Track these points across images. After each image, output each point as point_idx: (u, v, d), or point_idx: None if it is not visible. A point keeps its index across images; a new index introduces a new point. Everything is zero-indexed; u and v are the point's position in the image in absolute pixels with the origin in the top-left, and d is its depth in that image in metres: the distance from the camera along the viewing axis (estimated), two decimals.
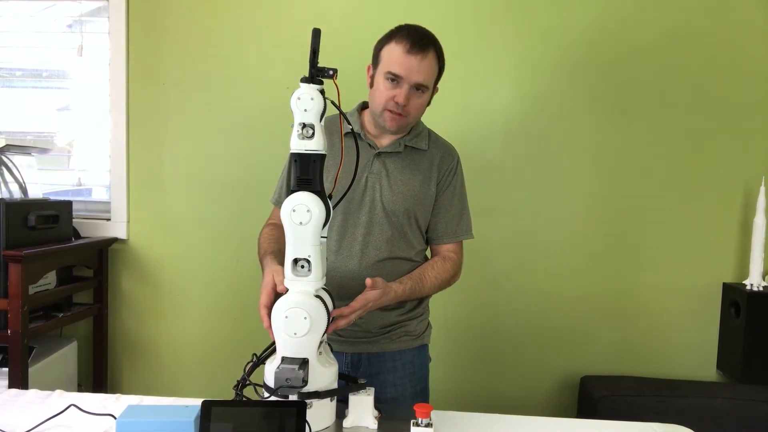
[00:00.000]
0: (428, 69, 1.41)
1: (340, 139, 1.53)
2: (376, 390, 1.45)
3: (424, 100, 1.46)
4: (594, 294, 2.30)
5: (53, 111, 2.51)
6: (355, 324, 1.47)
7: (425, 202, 1.51)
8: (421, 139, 1.53)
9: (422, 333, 1.58)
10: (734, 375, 2.16)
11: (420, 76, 1.40)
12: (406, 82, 1.40)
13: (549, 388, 2.33)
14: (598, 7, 2.23)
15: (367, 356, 1.51)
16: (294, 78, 1.23)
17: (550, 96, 2.26)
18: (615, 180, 2.27)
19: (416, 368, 1.55)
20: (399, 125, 1.45)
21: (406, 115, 1.44)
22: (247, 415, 1.03)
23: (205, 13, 2.33)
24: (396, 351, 1.52)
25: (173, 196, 2.39)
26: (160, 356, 2.43)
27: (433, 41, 1.44)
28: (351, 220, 1.49)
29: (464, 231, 1.57)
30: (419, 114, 1.48)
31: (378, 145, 1.51)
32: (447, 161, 1.54)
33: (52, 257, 2.08)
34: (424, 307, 1.59)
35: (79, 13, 2.43)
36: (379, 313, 1.47)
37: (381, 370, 1.51)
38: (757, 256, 2.15)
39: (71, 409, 1.23)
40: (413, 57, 1.39)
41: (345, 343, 1.52)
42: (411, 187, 1.49)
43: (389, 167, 1.49)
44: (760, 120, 2.23)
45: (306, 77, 1.17)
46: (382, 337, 1.51)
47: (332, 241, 1.50)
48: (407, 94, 1.41)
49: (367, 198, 1.48)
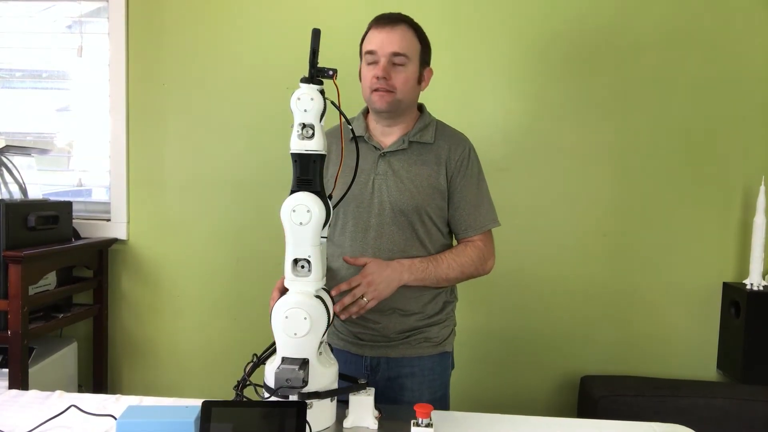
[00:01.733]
0: (401, 38, 1.42)
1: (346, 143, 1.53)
2: (394, 395, 1.46)
3: (409, 73, 1.43)
4: (594, 293, 2.30)
5: (53, 112, 2.51)
6: (374, 329, 1.48)
7: (436, 197, 1.47)
8: (427, 132, 1.50)
9: (444, 340, 1.53)
10: (734, 375, 2.16)
11: (393, 45, 1.41)
12: (381, 55, 1.42)
13: (549, 388, 2.33)
14: (598, 6, 2.23)
15: (386, 360, 1.50)
16: (294, 78, 1.23)
17: (549, 96, 2.26)
18: (615, 179, 2.27)
19: (436, 375, 1.52)
20: (388, 102, 1.42)
21: (393, 90, 1.42)
22: (248, 416, 1.03)
23: (205, 13, 2.33)
24: (415, 357, 1.49)
25: (173, 197, 2.39)
26: (160, 357, 2.43)
27: (403, 18, 1.45)
28: (361, 224, 1.47)
29: (486, 221, 1.51)
30: (408, 89, 1.44)
31: (382, 146, 1.50)
32: (456, 152, 1.49)
33: (52, 258, 2.08)
34: (446, 313, 1.55)
35: (79, 13, 2.43)
36: (399, 317, 1.47)
37: (399, 375, 1.50)
38: (757, 255, 2.15)
39: (71, 409, 1.23)
40: (383, 30, 1.42)
41: (365, 347, 1.51)
42: (418, 184, 1.46)
43: (395, 166, 1.48)
44: (760, 120, 2.23)
45: (306, 77, 1.17)
46: (401, 342, 1.49)
47: (345, 248, 1.49)
48: (386, 66, 1.41)
49: (375, 200, 1.47)
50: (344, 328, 1.53)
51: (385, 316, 1.46)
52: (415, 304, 1.48)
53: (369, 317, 1.45)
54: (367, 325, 1.49)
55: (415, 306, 1.48)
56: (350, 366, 1.50)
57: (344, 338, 1.54)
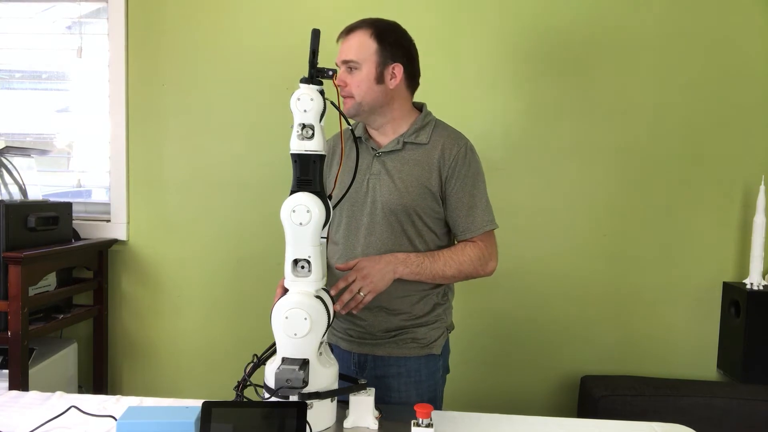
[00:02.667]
0: (350, 45, 1.46)
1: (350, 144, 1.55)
2: (381, 394, 1.46)
3: (362, 76, 1.44)
4: (594, 293, 2.30)
5: (53, 112, 2.51)
6: (361, 326, 1.48)
7: (426, 198, 1.46)
8: (423, 133, 1.50)
9: (432, 342, 1.51)
10: (734, 374, 2.16)
11: (343, 54, 1.47)
12: (339, 66, 1.47)
13: (549, 388, 2.33)
14: (598, 6, 2.23)
15: (372, 358, 1.50)
16: (293, 79, 1.23)
17: (548, 95, 2.26)
18: (615, 179, 2.27)
19: (423, 377, 1.50)
20: (348, 108, 1.47)
21: (351, 95, 1.46)
22: (248, 416, 1.03)
23: (205, 14, 2.33)
24: (401, 357, 1.49)
25: (173, 198, 2.39)
26: (160, 357, 2.42)
27: (363, 22, 1.49)
28: (354, 223, 1.50)
29: (483, 223, 1.48)
30: (363, 91, 1.44)
31: (378, 147, 1.51)
32: (449, 151, 1.47)
33: (52, 259, 2.08)
34: (436, 315, 1.52)
35: (79, 14, 2.43)
36: (384, 316, 1.47)
37: (386, 374, 1.50)
38: (757, 255, 2.15)
39: (72, 410, 1.23)
40: (340, 41, 1.49)
41: (353, 343, 1.52)
42: (408, 184, 1.46)
43: (388, 166, 1.48)
44: (760, 119, 2.23)
45: (305, 78, 1.18)
46: (388, 341, 1.49)
47: (339, 245, 1.51)
48: (341, 75, 1.46)
49: (368, 200, 1.48)
50: (336, 323, 1.54)
51: (372, 314, 1.47)
52: (402, 304, 1.48)
53: (357, 314, 1.46)
54: (355, 322, 1.50)
55: (402, 305, 1.48)
56: (340, 362, 1.49)
57: (335, 333, 1.56)
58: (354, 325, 1.50)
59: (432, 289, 1.51)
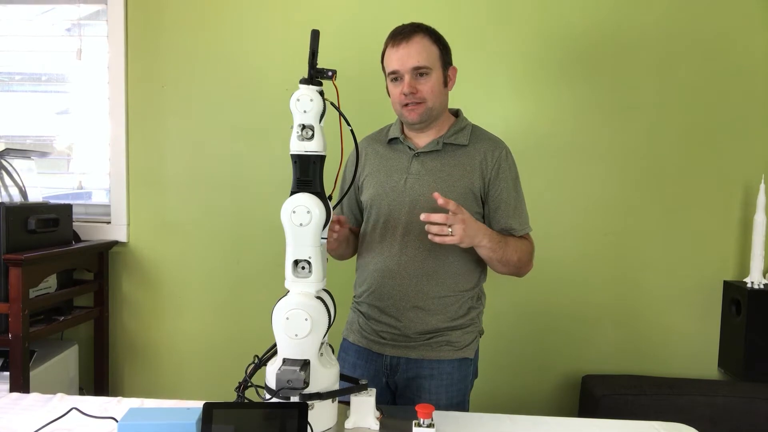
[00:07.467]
0: (418, 51, 1.44)
1: (383, 146, 1.59)
2: (411, 395, 1.47)
3: (433, 82, 1.46)
4: (595, 293, 2.30)
5: (53, 114, 2.51)
6: (396, 327, 1.50)
7: (468, 199, 1.48)
8: (462, 135, 1.52)
9: (466, 345, 1.52)
10: (735, 373, 2.16)
11: (412, 60, 1.44)
12: (404, 72, 1.45)
13: (550, 388, 2.33)
14: (598, 5, 2.23)
15: (405, 360, 1.50)
16: (293, 79, 1.23)
17: (549, 95, 2.26)
18: (615, 178, 2.27)
19: (454, 380, 1.50)
20: (419, 114, 1.46)
21: (422, 101, 1.45)
22: (249, 417, 1.03)
23: (204, 15, 2.33)
24: (435, 360, 1.49)
25: (173, 199, 2.39)
26: (161, 359, 2.42)
27: (417, 27, 1.47)
28: (392, 221, 1.50)
29: (526, 222, 1.55)
30: (437, 97, 1.47)
31: (417, 147, 1.53)
32: (492, 153, 1.51)
33: (53, 261, 2.08)
34: (471, 318, 1.54)
35: (78, 16, 2.43)
36: (421, 317, 1.48)
37: (418, 376, 1.50)
38: (758, 253, 2.15)
39: (73, 412, 1.23)
40: (399, 47, 1.44)
41: (386, 345, 1.52)
42: (451, 184, 1.47)
43: (428, 166, 1.50)
44: (760, 118, 2.23)
45: (305, 78, 1.18)
46: (422, 343, 1.49)
47: (375, 244, 1.52)
48: (410, 82, 1.44)
49: (407, 199, 1.49)
50: (367, 326, 1.55)
51: (408, 314, 1.48)
52: (439, 304, 1.48)
53: (391, 315, 1.48)
54: (389, 323, 1.50)
55: (438, 306, 1.48)
56: (371, 364, 1.53)
57: (366, 336, 1.55)
58: (389, 327, 1.51)
59: (467, 291, 1.52)
